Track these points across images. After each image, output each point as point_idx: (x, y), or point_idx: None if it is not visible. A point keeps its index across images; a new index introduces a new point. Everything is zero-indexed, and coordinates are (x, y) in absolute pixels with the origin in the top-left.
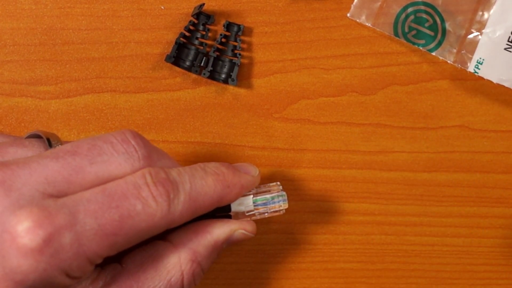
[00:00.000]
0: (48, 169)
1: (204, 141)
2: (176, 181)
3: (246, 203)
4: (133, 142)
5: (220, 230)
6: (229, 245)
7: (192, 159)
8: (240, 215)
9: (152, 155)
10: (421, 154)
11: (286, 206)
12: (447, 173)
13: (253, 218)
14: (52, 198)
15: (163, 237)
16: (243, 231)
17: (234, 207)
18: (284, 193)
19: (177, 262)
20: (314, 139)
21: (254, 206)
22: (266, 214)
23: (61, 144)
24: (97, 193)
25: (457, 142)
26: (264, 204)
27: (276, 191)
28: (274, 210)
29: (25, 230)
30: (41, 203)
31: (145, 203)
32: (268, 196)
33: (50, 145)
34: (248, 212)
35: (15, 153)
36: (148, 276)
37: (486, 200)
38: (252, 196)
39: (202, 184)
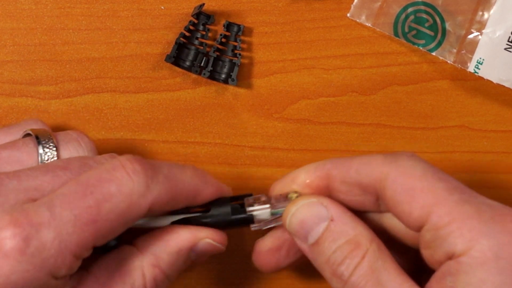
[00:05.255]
0: (37, 180)
1: (204, 141)
2: (154, 164)
3: (264, 213)
4: (129, 168)
5: (184, 237)
6: (199, 257)
7: (192, 159)
8: (257, 225)
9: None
10: (421, 154)
11: None
12: (447, 173)
13: (271, 225)
14: (32, 201)
15: (130, 242)
16: (210, 241)
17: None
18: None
19: (140, 266)
20: (314, 139)
21: (272, 216)
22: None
23: (52, 141)
24: (71, 185)
25: (457, 142)
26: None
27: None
28: None
29: (5, 234)
30: (22, 207)
31: (120, 183)
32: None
33: (39, 143)
34: (266, 222)
35: (9, 158)
36: (112, 280)
37: None
38: (269, 207)
39: (181, 172)
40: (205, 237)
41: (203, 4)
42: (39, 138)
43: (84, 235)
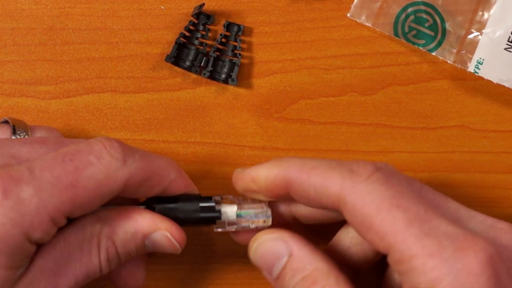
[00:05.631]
0: (14, 148)
1: (204, 141)
2: (131, 146)
3: (230, 212)
4: (106, 144)
5: (144, 221)
6: (152, 248)
7: (192, 159)
8: (221, 224)
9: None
10: (421, 154)
11: (270, 223)
12: (447, 173)
13: (234, 228)
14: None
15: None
16: (167, 234)
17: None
18: (269, 210)
19: (96, 233)
20: (314, 139)
21: (237, 218)
22: (249, 226)
23: (27, 134)
24: (50, 154)
25: (457, 142)
26: (247, 218)
27: (260, 207)
28: (256, 225)
29: None
30: (2, 167)
31: (99, 155)
32: (251, 211)
33: (14, 132)
34: (230, 222)
35: None
36: (71, 245)
37: (486, 200)
38: (236, 206)
39: (156, 157)
40: (164, 229)
41: (203, 4)
42: (15, 128)
43: (62, 198)
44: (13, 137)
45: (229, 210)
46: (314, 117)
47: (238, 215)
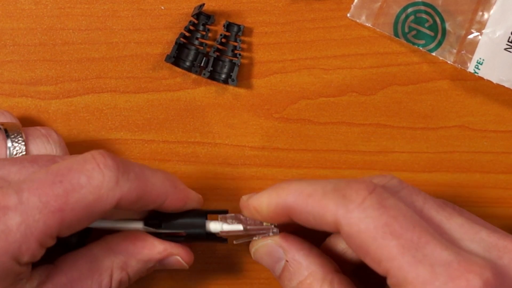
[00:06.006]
0: (4, 169)
1: (204, 141)
2: (126, 162)
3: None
4: (100, 161)
5: (158, 250)
6: (161, 267)
7: (192, 159)
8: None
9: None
10: (421, 154)
11: (277, 234)
12: (447, 173)
13: (242, 240)
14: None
15: (100, 237)
16: (179, 258)
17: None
18: (276, 229)
19: (109, 267)
20: (314, 139)
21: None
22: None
23: (21, 136)
24: (40, 172)
25: (457, 142)
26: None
27: (267, 228)
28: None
29: None
30: None
31: (90, 175)
32: (258, 229)
33: (7, 136)
34: (238, 237)
35: None
36: (81, 276)
37: (486, 200)
38: (242, 226)
39: (152, 174)
40: (177, 254)
41: (203, 4)
42: (8, 132)
43: (50, 223)
44: (9, 143)
45: (236, 231)
46: (314, 117)
47: (244, 229)
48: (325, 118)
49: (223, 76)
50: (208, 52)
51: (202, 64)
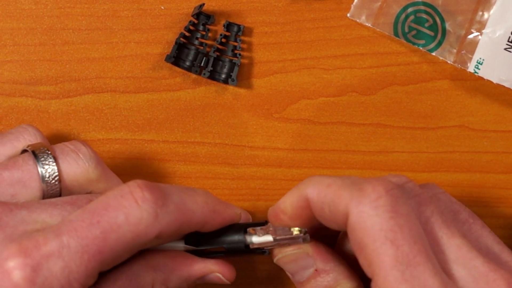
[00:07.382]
0: (46, 212)
1: (204, 141)
2: (166, 191)
3: (267, 241)
4: (138, 195)
5: (198, 267)
6: (201, 281)
7: (192, 159)
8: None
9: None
10: (421, 154)
11: (308, 241)
12: (447, 173)
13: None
14: (41, 229)
15: (140, 254)
16: (220, 276)
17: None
18: (307, 236)
19: (151, 283)
20: (314, 139)
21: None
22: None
23: (50, 156)
24: (78, 212)
25: (457, 142)
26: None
27: (297, 237)
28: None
29: (15, 263)
30: (31, 235)
31: (128, 212)
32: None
33: (37, 159)
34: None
35: (11, 178)
36: None
37: (486, 200)
38: (271, 237)
39: (191, 201)
40: (217, 272)
41: (203, 4)
42: (36, 154)
43: (90, 265)
44: (40, 167)
45: (267, 244)
46: (314, 117)
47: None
48: (325, 118)
49: (223, 76)
50: (208, 52)
51: (202, 64)
